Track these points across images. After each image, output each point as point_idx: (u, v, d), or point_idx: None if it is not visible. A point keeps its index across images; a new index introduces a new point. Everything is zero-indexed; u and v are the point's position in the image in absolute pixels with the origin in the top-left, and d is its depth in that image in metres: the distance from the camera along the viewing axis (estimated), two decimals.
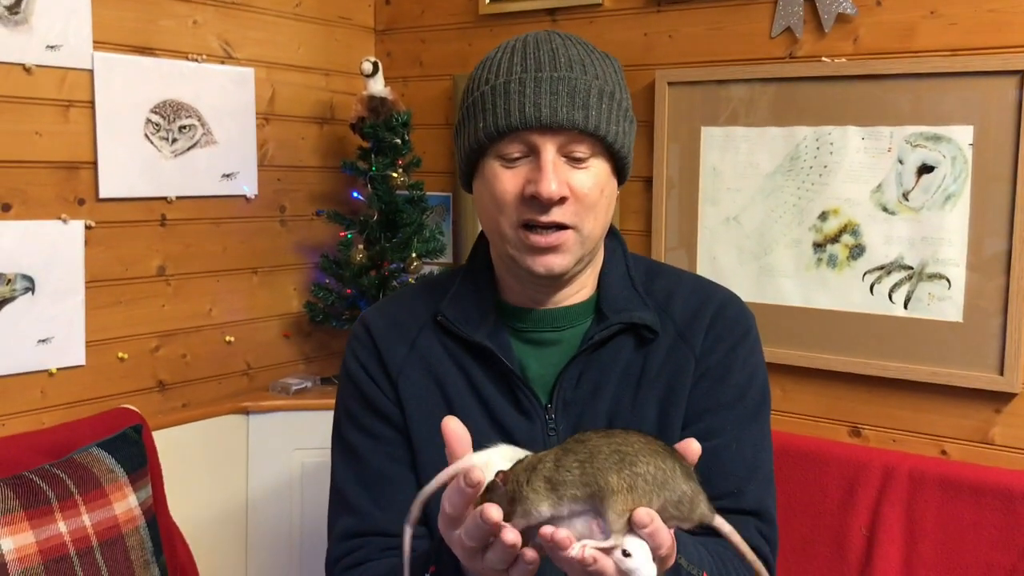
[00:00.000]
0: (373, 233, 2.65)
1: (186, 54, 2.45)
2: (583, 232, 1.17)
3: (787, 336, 2.27)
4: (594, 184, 1.16)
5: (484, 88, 1.18)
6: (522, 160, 1.16)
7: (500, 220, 1.17)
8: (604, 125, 1.16)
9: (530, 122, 1.13)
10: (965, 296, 2.06)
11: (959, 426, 2.11)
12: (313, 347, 2.86)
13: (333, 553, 1.27)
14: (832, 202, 2.20)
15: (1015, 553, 1.90)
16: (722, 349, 1.24)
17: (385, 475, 1.25)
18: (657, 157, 2.41)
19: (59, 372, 2.24)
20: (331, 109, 2.85)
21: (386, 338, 1.27)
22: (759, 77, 2.27)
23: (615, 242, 1.31)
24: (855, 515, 2.06)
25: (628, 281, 1.27)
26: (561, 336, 1.24)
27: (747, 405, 1.24)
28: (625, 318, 1.22)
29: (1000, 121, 2.00)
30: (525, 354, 1.24)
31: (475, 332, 1.23)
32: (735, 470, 1.21)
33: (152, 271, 2.43)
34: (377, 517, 1.23)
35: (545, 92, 1.14)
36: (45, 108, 2.19)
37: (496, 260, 1.28)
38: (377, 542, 1.23)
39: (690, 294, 1.27)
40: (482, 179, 1.20)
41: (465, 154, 1.22)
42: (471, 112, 1.20)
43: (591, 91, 1.16)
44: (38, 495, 1.90)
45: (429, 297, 1.30)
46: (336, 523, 1.28)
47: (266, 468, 2.58)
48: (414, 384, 1.25)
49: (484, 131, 1.16)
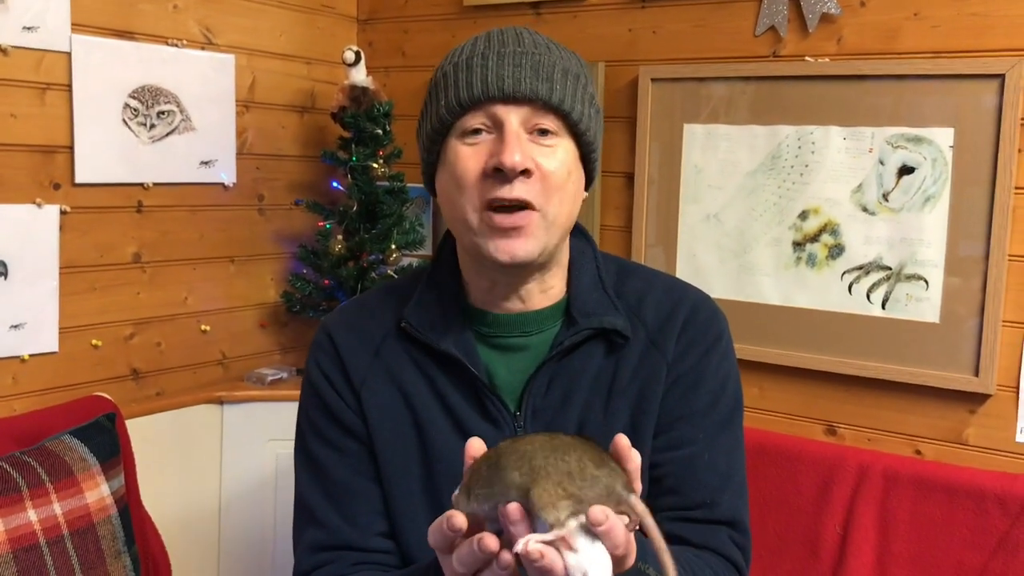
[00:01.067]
0: (352, 224, 2.64)
1: (166, 39, 2.42)
2: (548, 215, 1.12)
3: (765, 334, 2.27)
4: (560, 164, 1.12)
5: (447, 68, 1.16)
6: (484, 135, 1.12)
7: (463, 203, 1.13)
8: (569, 101, 1.12)
9: (493, 92, 1.10)
10: (942, 297, 2.08)
11: (934, 426, 2.12)
12: (289, 337, 2.84)
13: (302, 565, 1.23)
14: (812, 201, 2.21)
15: (986, 552, 1.92)
16: (694, 355, 1.20)
17: (351, 488, 1.21)
18: (639, 153, 2.40)
19: (31, 358, 2.21)
20: (312, 98, 2.83)
21: (349, 346, 1.24)
22: (742, 75, 2.27)
23: (584, 243, 1.27)
24: (829, 513, 2.07)
25: (598, 283, 1.23)
26: (529, 341, 1.21)
27: (720, 412, 1.21)
28: (595, 323, 1.18)
29: (980, 124, 2.01)
30: (492, 360, 1.20)
31: (440, 339, 1.19)
32: (708, 480, 1.18)
33: (127, 258, 2.40)
34: (345, 531, 1.20)
35: (508, 64, 1.11)
36: (21, 90, 2.16)
37: (462, 257, 1.23)
38: (348, 556, 1.20)
39: (662, 297, 1.23)
40: (444, 165, 1.16)
41: (427, 138, 1.17)
42: (433, 94, 1.17)
43: (556, 67, 1.13)
44: (8, 482, 1.87)
45: (393, 302, 1.26)
46: (303, 536, 1.24)
47: (240, 459, 2.56)
48: (378, 394, 1.21)
49: (446, 106, 1.13)
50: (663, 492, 1.18)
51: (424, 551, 1.11)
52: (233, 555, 2.58)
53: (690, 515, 1.18)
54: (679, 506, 1.18)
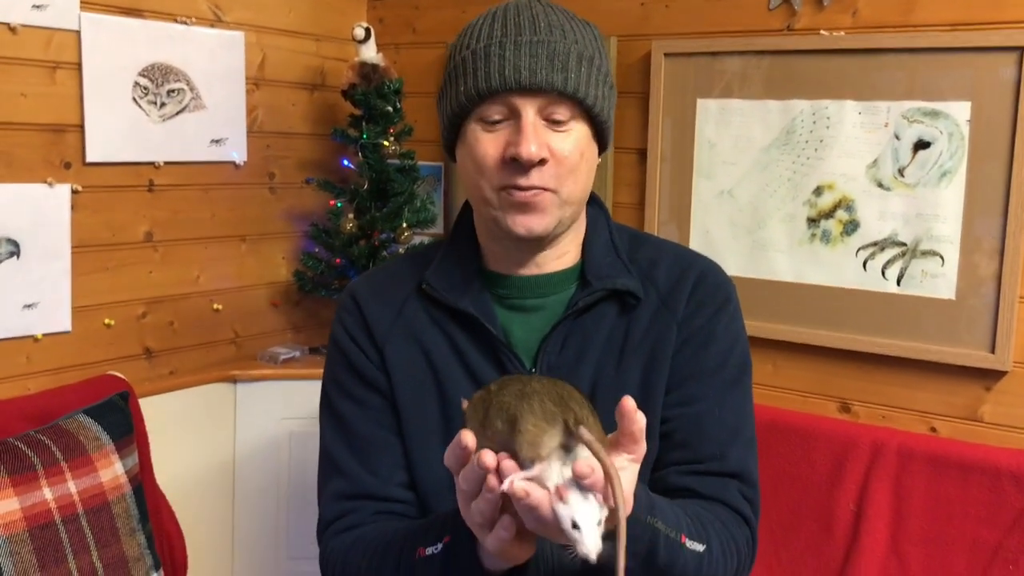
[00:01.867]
0: (363, 202, 2.63)
1: (175, 16, 2.41)
2: (562, 195, 1.18)
3: (779, 311, 2.26)
4: (574, 147, 1.18)
5: (465, 53, 1.21)
6: (503, 123, 1.18)
7: (482, 184, 1.19)
8: (583, 88, 1.18)
9: (510, 84, 1.15)
10: (958, 274, 2.06)
11: (949, 403, 2.11)
12: (302, 316, 2.84)
13: (325, 515, 1.29)
14: (827, 177, 2.19)
15: (1001, 530, 1.91)
16: (704, 315, 1.25)
17: (373, 441, 1.27)
18: (652, 129, 2.38)
19: (45, 338, 2.21)
20: (322, 75, 2.82)
21: (372, 307, 1.30)
22: (756, 49, 2.24)
23: (598, 211, 1.33)
24: (843, 490, 2.06)
25: (612, 249, 1.29)
26: (544, 302, 1.26)
27: (729, 371, 1.26)
28: (609, 284, 1.24)
29: (998, 98, 1.98)
30: (509, 320, 1.26)
31: (459, 299, 1.25)
32: (717, 434, 1.22)
33: (139, 237, 2.40)
34: (367, 481, 1.25)
35: (525, 55, 1.16)
36: (31, 69, 2.15)
37: (479, 226, 1.30)
38: (368, 506, 1.25)
39: (672, 263, 1.29)
40: (464, 144, 1.22)
41: (448, 119, 1.24)
42: (453, 77, 1.23)
43: (570, 54, 1.18)
44: (23, 461, 1.88)
45: (414, 266, 1.32)
46: (327, 486, 1.30)
47: (254, 437, 2.57)
48: (400, 351, 1.27)
49: (465, 94, 1.19)
50: (673, 446, 1.22)
51: (442, 501, 1.19)
52: (247, 532, 2.59)
53: (699, 468, 1.21)
54: (688, 459, 1.21)
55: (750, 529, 1.23)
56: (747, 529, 1.22)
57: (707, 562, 1.10)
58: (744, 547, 1.20)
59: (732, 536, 1.18)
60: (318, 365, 2.60)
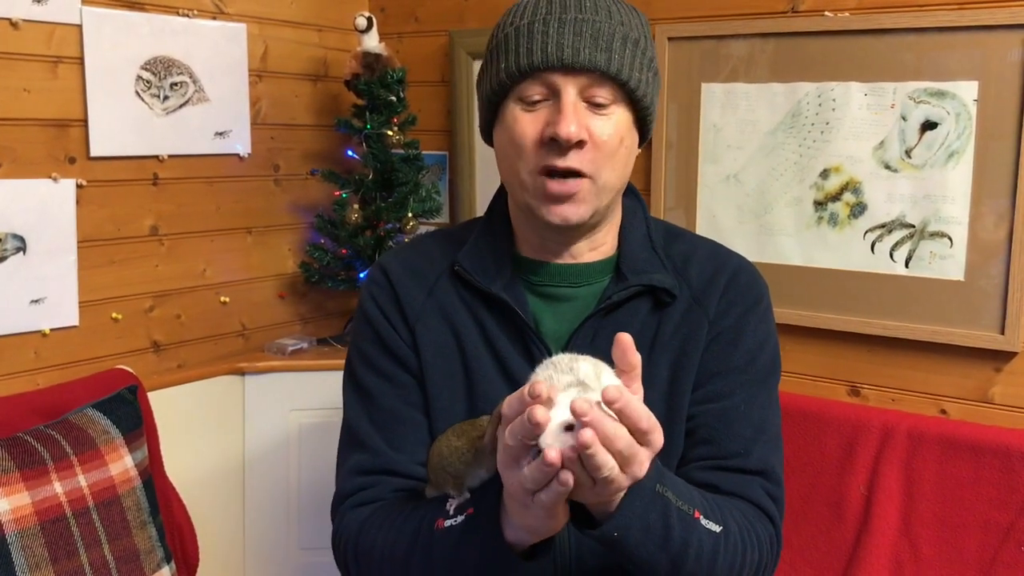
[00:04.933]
0: (368, 192, 2.63)
1: (176, 9, 2.40)
2: (599, 181, 1.16)
3: (787, 295, 2.25)
4: (614, 132, 1.16)
5: (509, 29, 1.19)
6: (542, 104, 1.16)
7: (519, 166, 1.18)
8: (627, 70, 1.15)
9: (552, 62, 1.13)
10: (967, 255, 2.05)
11: (959, 385, 2.10)
12: (309, 308, 2.84)
13: (344, 488, 1.27)
14: (834, 159, 2.17)
15: (1013, 511, 1.90)
16: (735, 313, 1.24)
17: (399, 416, 1.25)
18: (657, 114, 2.37)
19: (52, 332, 2.22)
20: (325, 66, 2.81)
21: (405, 284, 1.28)
22: (761, 32, 2.23)
23: (636, 202, 1.31)
24: (854, 474, 2.05)
25: (648, 243, 1.27)
26: (577, 293, 1.25)
27: (757, 370, 1.25)
28: (645, 280, 1.22)
29: (1006, 77, 1.97)
30: (540, 309, 1.24)
31: (491, 284, 1.23)
32: (742, 431, 1.21)
33: (145, 231, 2.40)
34: (390, 456, 1.24)
35: (568, 33, 1.14)
36: (33, 64, 2.15)
37: (513, 210, 1.28)
38: (389, 482, 1.24)
39: (706, 259, 1.28)
40: (502, 125, 1.20)
41: (487, 97, 1.21)
42: (495, 54, 1.20)
43: (615, 35, 1.15)
44: (33, 456, 1.89)
45: (447, 246, 1.31)
46: (347, 459, 1.28)
47: (262, 429, 2.57)
48: (431, 331, 1.25)
49: (506, 71, 1.16)
50: (698, 442, 1.21)
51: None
52: (258, 523, 2.60)
53: (723, 464, 1.20)
54: (713, 455, 1.20)
55: (774, 527, 1.21)
56: (771, 526, 1.20)
57: (724, 546, 1.08)
58: (767, 543, 1.18)
59: (753, 528, 1.16)
60: (326, 356, 2.63)
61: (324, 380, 2.52)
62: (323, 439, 2.48)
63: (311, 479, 2.58)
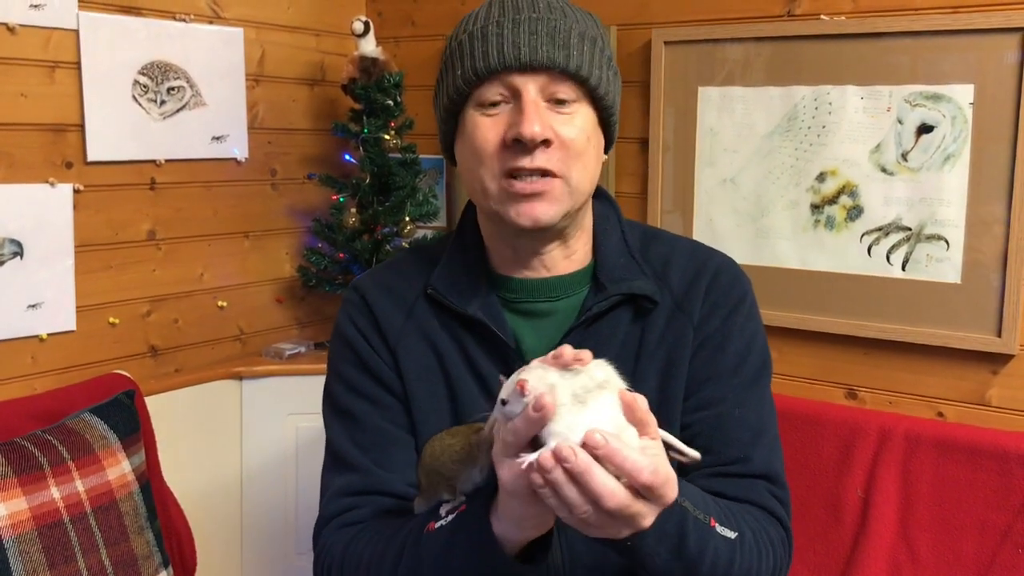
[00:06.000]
0: (366, 196, 2.63)
1: (173, 14, 2.40)
2: (571, 182, 1.12)
3: (784, 298, 2.25)
4: (580, 131, 1.12)
5: (462, 37, 1.15)
6: (502, 106, 1.12)
7: (482, 173, 1.13)
8: (587, 67, 1.12)
9: (509, 62, 1.09)
10: (963, 257, 2.05)
11: (956, 388, 2.10)
12: (306, 312, 2.84)
13: (328, 510, 1.24)
14: (830, 163, 2.18)
15: (1010, 513, 1.90)
16: (719, 316, 1.21)
17: (387, 436, 1.22)
18: (653, 118, 2.38)
19: (50, 337, 2.22)
20: (322, 70, 2.81)
21: (383, 307, 1.24)
22: (757, 35, 2.23)
23: (608, 206, 1.27)
24: (851, 477, 2.06)
25: (625, 248, 1.23)
26: (555, 307, 1.21)
27: (747, 371, 1.22)
28: (624, 288, 1.18)
29: (1001, 80, 1.97)
30: (519, 326, 1.20)
31: (467, 304, 1.19)
32: (740, 436, 1.18)
33: (142, 235, 2.40)
34: (379, 475, 1.20)
35: (524, 32, 1.10)
36: (30, 69, 2.15)
37: (483, 225, 1.23)
38: (378, 502, 1.20)
39: (687, 261, 1.24)
40: (462, 135, 1.16)
41: (444, 109, 1.17)
42: (449, 63, 1.16)
43: (571, 32, 1.12)
44: (30, 461, 1.89)
45: (422, 265, 1.26)
46: (333, 482, 1.24)
47: (260, 433, 2.57)
48: (413, 354, 1.22)
49: (463, 76, 1.12)
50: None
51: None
52: (256, 528, 2.60)
53: (725, 470, 1.17)
54: (713, 463, 1.17)
55: (784, 529, 1.19)
56: (781, 529, 1.18)
57: (740, 552, 1.06)
58: (780, 546, 1.16)
59: (766, 532, 1.14)
60: (324, 360, 2.59)
61: (322, 384, 2.51)
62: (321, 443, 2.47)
63: (309, 484, 2.57)
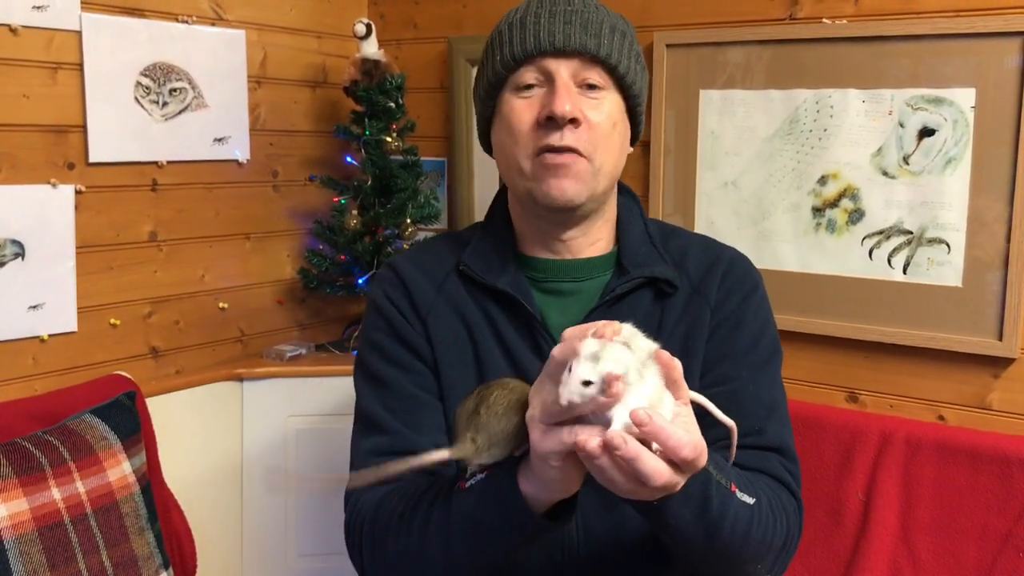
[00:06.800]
0: (367, 199, 2.63)
1: (176, 15, 2.40)
2: (595, 162, 1.22)
3: (785, 301, 2.25)
4: (607, 116, 1.22)
5: (503, 27, 1.26)
6: (536, 89, 1.22)
7: (517, 152, 1.23)
8: (616, 55, 1.22)
9: (544, 47, 1.20)
10: (965, 261, 2.05)
11: (957, 391, 2.10)
12: (307, 314, 2.84)
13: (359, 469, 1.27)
14: (831, 166, 2.18)
15: (1011, 517, 1.90)
16: (735, 300, 1.30)
17: (417, 401, 1.28)
18: (655, 121, 2.38)
19: (51, 338, 2.22)
20: (324, 72, 2.81)
21: (415, 279, 1.32)
22: (759, 39, 2.23)
23: (632, 202, 1.37)
24: (852, 480, 2.06)
25: (647, 238, 1.33)
26: (580, 287, 1.29)
27: (760, 352, 1.29)
28: (646, 272, 1.28)
29: (1003, 83, 1.97)
30: (545, 303, 1.29)
31: (496, 280, 1.28)
32: (754, 410, 1.25)
33: (144, 236, 2.40)
34: (409, 436, 1.25)
35: (559, 21, 1.21)
36: (32, 70, 2.15)
37: (513, 207, 1.33)
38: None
39: (702, 252, 1.34)
40: (499, 118, 1.26)
41: (484, 91, 1.27)
42: (490, 51, 1.27)
43: (603, 24, 1.23)
44: (31, 462, 1.89)
45: (452, 247, 1.36)
46: (363, 443, 1.29)
47: (261, 435, 2.57)
48: (443, 323, 1.29)
49: (501, 62, 1.23)
50: (710, 426, 1.22)
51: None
52: (256, 530, 2.59)
53: (740, 442, 1.21)
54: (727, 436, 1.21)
55: (796, 500, 1.26)
56: (793, 499, 1.25)
57: (757, 518, 1.12)
58: (793, 514, 1.23)
59: (780, 500, 1.21)
60: (324, 362, 2.63)
61: (322, 386, 2.53)
62: (321, 445, 2.48)
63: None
